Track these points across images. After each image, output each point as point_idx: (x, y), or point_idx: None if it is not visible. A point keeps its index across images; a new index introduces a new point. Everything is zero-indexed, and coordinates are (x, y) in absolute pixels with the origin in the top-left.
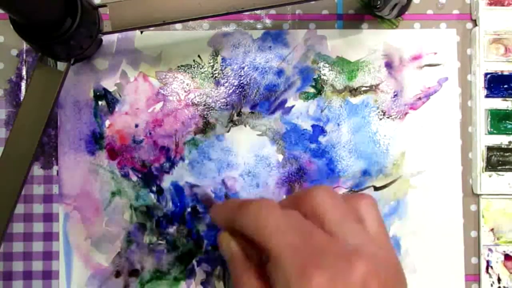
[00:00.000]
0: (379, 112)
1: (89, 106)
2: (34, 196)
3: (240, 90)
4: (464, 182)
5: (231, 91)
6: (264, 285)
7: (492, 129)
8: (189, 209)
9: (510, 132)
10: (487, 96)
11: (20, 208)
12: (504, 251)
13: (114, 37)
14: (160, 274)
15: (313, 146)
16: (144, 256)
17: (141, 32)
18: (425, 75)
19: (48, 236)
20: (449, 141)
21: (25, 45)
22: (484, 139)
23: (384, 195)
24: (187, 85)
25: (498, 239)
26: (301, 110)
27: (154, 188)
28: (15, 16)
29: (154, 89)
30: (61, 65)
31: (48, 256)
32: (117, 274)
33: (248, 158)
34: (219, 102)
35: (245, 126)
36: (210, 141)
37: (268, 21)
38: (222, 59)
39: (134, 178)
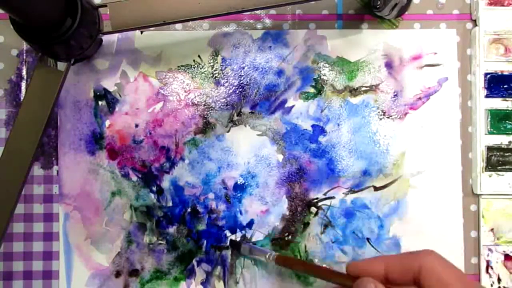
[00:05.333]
0: (379, 112)
1: (89, 106)
2: (34, 196)
3: (240, 90)
4: (464, 182)
5: (231, 91)
6: None
7: (492, 129)
8: (189, 209)
9: (510, 132)
10: (487, 96)
11: (20, 208)
12: (504, 251)
13: (114, 37)
14: (160, 274)
15: (313, 146)
16: (144, 256)
17: (141, 32)
18: (425, 75)
19: (48, 236)
20: (449, 141)
21: (25, 45)
22: (484, 139)
23: (384, 195)
24: (187, 85)
25: (498, 239)
26: (301, 110)
27: (154, 188)
28: (15, 16)
29: (154, 89)
30: (61, 65)
31: (48, 256)
32: (117, 274)
33: (248, 158)
34: (219, 102)
35: (245, 126)
36: (210, 141)
37: (268, 21)
38: (222, 59)
39: (134, 178)
